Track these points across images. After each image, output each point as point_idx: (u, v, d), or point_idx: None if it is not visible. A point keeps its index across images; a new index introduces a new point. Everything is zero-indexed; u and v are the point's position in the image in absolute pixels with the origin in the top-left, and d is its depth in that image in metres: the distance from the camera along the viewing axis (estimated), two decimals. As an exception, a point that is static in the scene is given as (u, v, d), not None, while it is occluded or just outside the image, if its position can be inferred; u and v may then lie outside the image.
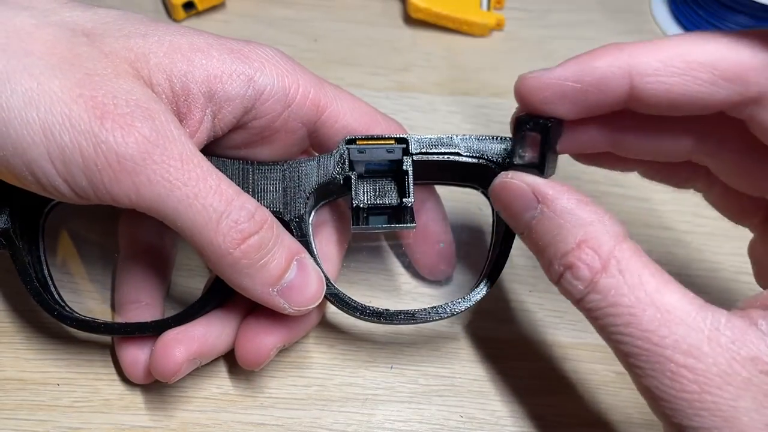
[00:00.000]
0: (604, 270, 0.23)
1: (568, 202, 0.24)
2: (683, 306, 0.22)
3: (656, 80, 0.24)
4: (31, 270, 0.29)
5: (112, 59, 0.26)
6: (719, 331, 0.22)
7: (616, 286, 0.23)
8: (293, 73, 0.30)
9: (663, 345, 0.22)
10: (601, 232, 0.24)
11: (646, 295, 0.22)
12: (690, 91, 0.24)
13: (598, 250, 0.23)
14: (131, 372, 0.30)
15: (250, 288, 0.27)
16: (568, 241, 0.24)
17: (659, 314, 0.22)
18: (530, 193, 0.25)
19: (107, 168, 0.24)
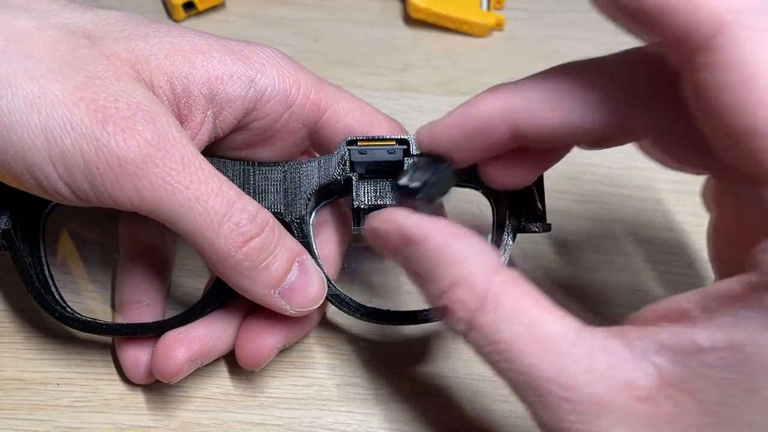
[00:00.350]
0: (481, 308, 0.22)
1: (437, 240, 0.23)
2: (562, 334, 0.21)
3: (531, 117, 0.24)
4: (32, 271, 0.29)
5: (113, 61, 0.26)
6: (595, 357, 0.21)
7: (494, 323, 0.22)
8: (294, 73, 0.30)
9: (544, 378, 0.21)
10: (473, 269, 0.23)
11: (524, 329, 0.22)
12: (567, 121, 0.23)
13: (472, 287, 0.22)
14: (132, 372, 0.30)
15: (251, 290, 0.27)
16: (442, 281, 0.23)
17: (538, 347, 0.21)
18: (397, 237, 0.24)
19: (109, 171, 0.24)
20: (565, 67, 0.24)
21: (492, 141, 0.25)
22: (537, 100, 0.24)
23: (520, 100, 0.24)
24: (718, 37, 0.18)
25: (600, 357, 0.21)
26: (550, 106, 0.23)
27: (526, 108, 0.24)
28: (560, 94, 0.23)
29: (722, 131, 0.19)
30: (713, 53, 0.18)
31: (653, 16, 0.19)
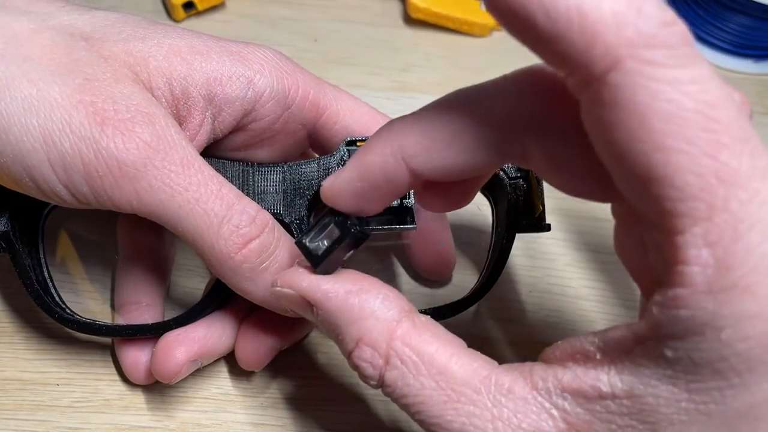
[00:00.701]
0: (387, 364, 0.22)
1: (336, 302, 0.23)
2: (468, 380, 0.21)
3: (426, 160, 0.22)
4: (32, 272, 0.29)
5: (111, 63, 0.26)
6: (501, 404, 0.21)
7: (401, 376, 0.22)
8: (293, 74, 0.30)
9: (452, 429, 0.21)
10: (373, 326, 0.22)
11: (431, 379, 0.21)
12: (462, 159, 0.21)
13: (376, 345, 0.22)
14: (132, 373, 0.30)
15: (251, 291, 0.27)
16: (347, 341, 0.23)
17: (445, 396, 0.21)
18: (301, 300, 0.24)
19: (108, 174, 0.24)
20: (456, 98, 0.22)
21: (396, 186, 0.23)
22: (428, 141, 0.21)
23: (411, 142, 0.22)
24: (612, 73, 0.17)
25: (506, 404, 0.21)
26: (442, 146, 0.21)
27: (418, 151, 0.22)
28: (451, 132, 0.21)
29: (621, 171, 0.18)
30: (608, 89, 0.17)
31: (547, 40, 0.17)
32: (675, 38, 0.17)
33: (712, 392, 0.18)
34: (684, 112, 0.16)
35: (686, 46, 0.17)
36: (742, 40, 0.46)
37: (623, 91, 0.17)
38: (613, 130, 0.17)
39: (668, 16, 0.17)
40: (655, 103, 0.16)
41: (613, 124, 0.17)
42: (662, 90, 0.16)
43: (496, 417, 0.21)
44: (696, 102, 0.17)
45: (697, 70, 0.17)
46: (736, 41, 0.46)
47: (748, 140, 0.17)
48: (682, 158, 0.17)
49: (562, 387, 0.20)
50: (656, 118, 0.16)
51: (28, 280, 0.29)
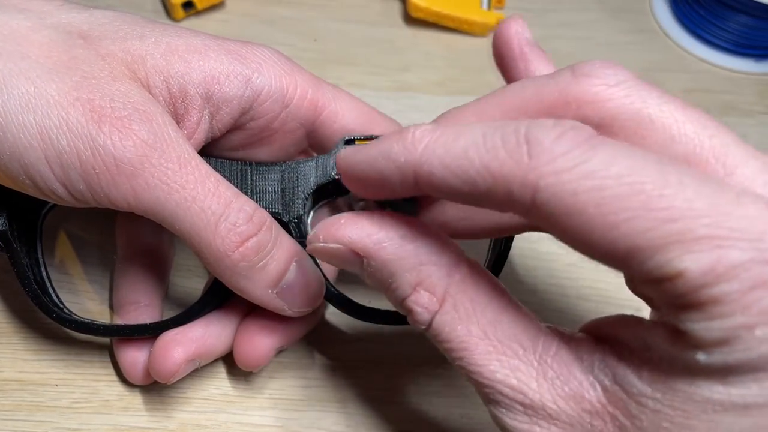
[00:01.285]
0: (441, 308, 0.22)
1: (391, 248, 0.22)
2: (516, 336, 0.22)
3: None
4: (30, 272, 0.29)
5: (108, 61, 0.26)
6: (547, 364, 0.21)
7: (450, 322, 0.22)
8: (291, 73, 0.29)
9: (493, 379, 0.21)
10: (432, 271, 0.22)
11: (479, 328, 0.22)
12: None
13: (433, 289, 0.22)
14: (130, 373, 0.30)
15: (249, 290, 0.27)
16: (403, 288, 0.23)
17: (491, 347, 0.22)
18: (350, 253, 0.23)
19: (105, 172, 0.24)
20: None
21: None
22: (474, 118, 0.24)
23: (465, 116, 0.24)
24: (536, 196, 0.19)
25: (551, 365, 0.21)
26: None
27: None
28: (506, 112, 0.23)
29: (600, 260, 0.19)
30: (542, 209, 0.19)
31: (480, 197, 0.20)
32: (568, 143, 0.19)
33: (749, 384, 0.18)
34: (607, 191, 0.18)
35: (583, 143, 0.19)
36: (743, 40, 0.46)
37: (550, 205, 0.19)
38: (568, 235, 0.19)
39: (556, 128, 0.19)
40: (580, 198, 0.18)
41: (564, 232, 0.19)
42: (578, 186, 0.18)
43: (540, 376, 0.21)
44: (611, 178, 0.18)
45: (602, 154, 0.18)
46: (737, 41, 0.46)
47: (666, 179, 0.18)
48: (632, 224, 0.18)
49: (605, 364, 0.21)
50: (590, 208, 0.18)
51: (26, 280, 0.29)
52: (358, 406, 0.32)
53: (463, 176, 0.20)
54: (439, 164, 0.20)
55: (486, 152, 0.19)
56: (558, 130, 0.19)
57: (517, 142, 0.19)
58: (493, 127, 0.20)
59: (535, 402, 0.21)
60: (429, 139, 0.21)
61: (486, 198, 0.20)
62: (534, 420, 0.21)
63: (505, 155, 0.19)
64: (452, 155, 0.20)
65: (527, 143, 0.19)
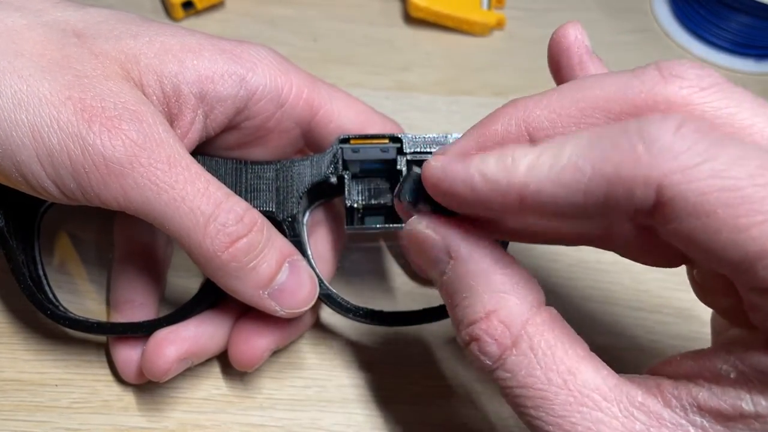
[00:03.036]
0: (515, 347, 0.21)
1: (481, 263, 0.22)
2: (598, 387, 0.20)
3: (553, 132, 0.22)
4: (25, 269, 0.29)
5: (101, 60, 0.26)
6: (633, 416, 0.20)
7: (527, 366, 0.21)
8: (286, 72, 0.29)
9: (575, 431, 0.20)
10: (513, 303, 0.21)
11: (559, 377, 0.21)
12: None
13: (509, 323, 0.21)
14: (124, 371, 0.30)
15: (240, 291, 0.27)
16: (476, 308, 0.21)
17: (572, 398, 0.20)
18: (442, 247, 0.22)
19: (95, 171, 0.24)
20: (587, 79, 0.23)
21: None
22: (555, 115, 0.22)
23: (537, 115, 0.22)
24: (661, 195, 0.18)
25: (638, 417, 0.20)
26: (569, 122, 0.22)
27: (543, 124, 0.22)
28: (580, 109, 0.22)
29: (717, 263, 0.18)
30: (667, 208, 0.18)
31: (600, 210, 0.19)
32: (688, 139, 0.18)
33: None
34: (738, 192, 0.17)
35: (704, 139, 0.18)
36: (743, 40, 0.46)
37: (677, 203, 0.18)
38: (691, 237, 0.18)
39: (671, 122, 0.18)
40: (709, 198, 0.17)
41: (689, 232, 0.18)
42: (707, 185, 0.17)
43: (626, 428, 0.20)
44: (742, 178, 0.17)
45: (726, 152, 0.18)
46: (737, 40, 0.46)
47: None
48: (763, 228, 0.17)
49: (698, 405, 0.20)
50: (719, 209, 0.17)
51: (21, 276, 0.29)
52: (358, 406, 0.32)
53: (575, 187, 0.19)
54: (547, 182, 0.19)
55: (599, 158, 0.18)
56: (674, 124, 0.18)
57: (630, 143, 0.18)
58: (597, 133, 0.19)
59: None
60: (531, 159, 0.20)
61: (601, 206, 0.19)
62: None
63: (621, 158, 0.18)
64: (560, 170, 0.19)
65: (643, 142, 0.18)
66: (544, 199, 0.19)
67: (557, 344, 0.21)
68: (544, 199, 0.19)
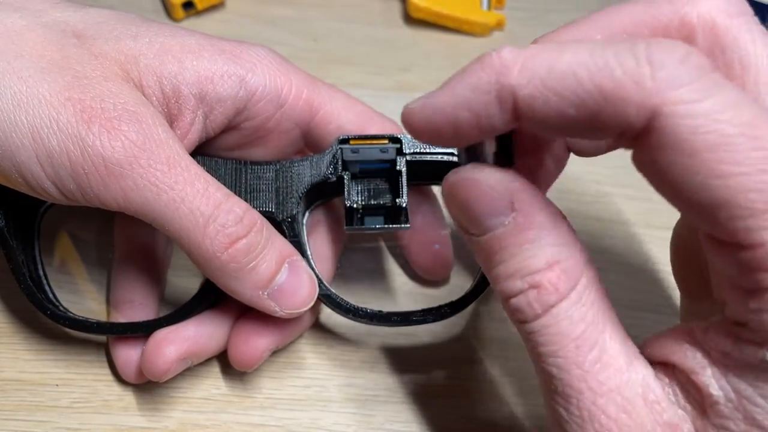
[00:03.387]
0: (569, 293, 0.21)
1: (547, 216, 0.22)
2: (624, 354, 0.21)
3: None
4: (25, 269, 0.29)
5: (101, 61, 0.26)
6: (649, 388, 0.21)
7: (572, 314, 0.21)
8: (286, 73, 0.30)
9: (599, 391, 0.21)
10: (574, 255, 0.21)
11: (596, 334, 0.21)
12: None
13: (569, 273, 0.21)
14: (124, 371, 0.30)
15: (239, 291, 0.27)
16: (539, 258, 0.21)
17: (603, 357, 0.21)
18: (504, 199, 0.22)
19: (94, 172, 0.24)
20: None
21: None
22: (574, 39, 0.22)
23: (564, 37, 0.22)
24: (652, 123, 0.18)
25: (654, 389, 0.21)
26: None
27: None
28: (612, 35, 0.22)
29: (686, 205, 0.19)
30: (653, 138, 0.18)
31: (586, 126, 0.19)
32: (693, 72, 0.18)
33: None
34: (728, 138, 0.17)
35: (706, 76, 0.18)
36: (743, 40, 0.46)
37: (666, 134, 0.18)
38: (668, 171, 0.18)
39: (678, 51, 0.18)
40: (699, 137, 0.17)
41: (667, 165, 0.18)
42: (700, 124, 0.17)
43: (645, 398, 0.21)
44: (735, 126, 0.17)
45: (724, 95, 0.18)
46: (737, 40, 0.46)
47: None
48: (740, 180, 0.17)
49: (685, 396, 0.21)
50: (704, 150, 0.17)
51: (21, 276, 0.29)
52: (358, 406, 0.32)
53: (569, 96, 0.18)
54: (541, 86, 0.18)
55: (599, 71, 0.18)
56: (681, 53, 0.18)
57: (637, 62, 0.18)
58: (602, 45, 0.18)
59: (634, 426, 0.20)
60: (524, 60, 0.19)
61: (589, 120, 0.18)
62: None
63: (623, 75, 0.18)
64: (556, 75, 0.18)
65: (649, 64, 0.18)
66: (537, 107, 0.19)
67: (599, 303, 0.22)
68: (538, 107, 0.19)
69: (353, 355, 0.33)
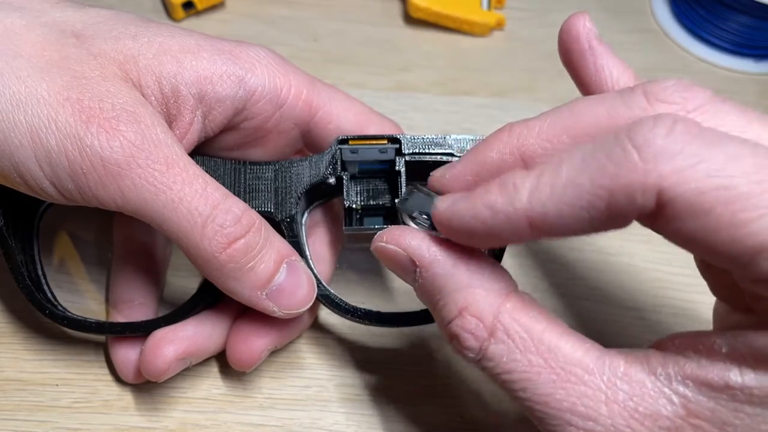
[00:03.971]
0: (492, 336, 0.22)
1: (444, 266, 0.23)
2: (580, 360, 0.21)
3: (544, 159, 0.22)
4: (24, 269, 0.29)
5: (100, 61, 0.26)
6: (617, 386, 0.21)
7: (507, 352, 0.22)
8: (285, 73, 0.29)
9: (561, 408, 0.21)
10: (481, 296, 0.22)
11: (539, 357, 0.22)
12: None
13: (481, 316, 0.22)
14: (123, 371, 0.30)
15: (238, 291, 0.27)
16: (449, 308, 0.23)
17: (554, 375, 0.21)
18: (406, 259, 0.24)
19: (92, 172, 0.25)
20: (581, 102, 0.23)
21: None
22: (549, 144, 0.22)
23: (532, 142, 0.23)
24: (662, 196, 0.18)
25: (621, 386, 0.21)
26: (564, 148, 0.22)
27: (538, 152, 0.23)
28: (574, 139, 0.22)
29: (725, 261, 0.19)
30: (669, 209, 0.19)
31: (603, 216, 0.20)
32: (680, 139, 0.18)
33: None
34: (735, 190, 0.18)
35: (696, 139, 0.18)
36: (743, 40, 0.46)
37: (678, 204, 0.18)
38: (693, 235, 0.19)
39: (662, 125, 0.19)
40: (707, 196, 0.18)
41: (691, 231, 0.19)
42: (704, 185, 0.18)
43: (610, 399, 0.21)
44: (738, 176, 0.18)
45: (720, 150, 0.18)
46: (737, 41, 0.46)
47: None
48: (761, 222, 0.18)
49: (684, 374, 0.20)
50: (718, 206, 0.18)
51: (19, 276, 0.29)
52: (358, 406, 0.32)
53: (578, 204, 0.19)
54: (550, 202, 0.20)
55: (595, 171, 0.19)
56: (665, 127, 0.19)
57: (623, 151, 0.19)
58: (590, 148, 0.20)
59: (606, 427, 0.21)
60: (531, 183, 0.20)
61: (606, 216, 0.19)
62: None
63: (616, 167, 0.19)
64: (561, 189, 0.20)
65: (636, 149, 0.19)
66: (551, 220, 0.20)
67: (533, 326, 0.22)
68: (552, 220, 0.20)
69: (353, 355, 0.33)
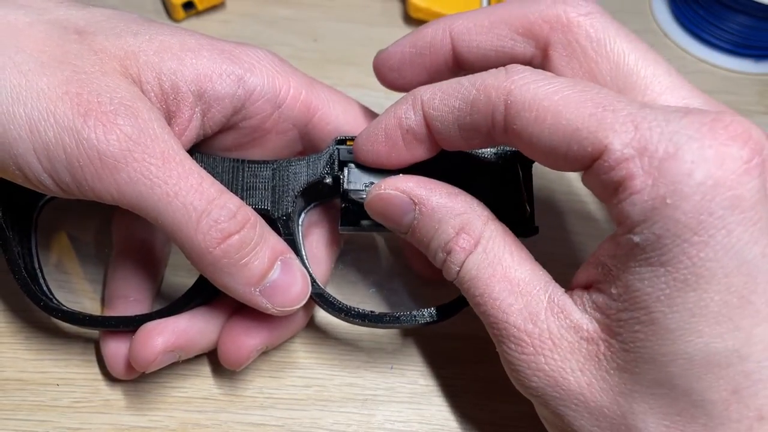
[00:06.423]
0: (474, 248, 0.26)
1: (440, 198, 0.27)
2: (531, 280, 0.26)
3: (468, 38, 0.29)
4: (21, 261, 0.30)
5: (101, 57, 0.27)
6: (554, 302, 0.25)
7: (479, 261, 0.26)
8: (284, 74, 0.30)
9: (508, 312, 0.25)
10: (473, 218, 0.27)
11: (502, 269, 0.26)
12: (495, 45, 0.28)
13: (472, 233, 0.26)
14: (113, 366, 0.30)
15: (231, 287, 0.27)
16: (448, 231, 0.27)
17: (509, 286, 0.26)
18: (406, 199, 0.27)
19: (89, 165, 0.25)
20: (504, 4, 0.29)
21: (437, 59, 0.30)
22: (472, 24, 0.29)
23: (459, 24, 0.29)
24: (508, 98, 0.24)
25: (558, 302, 0.25)
26: (482, 30, 0.28)
27: (462, 30, 0.29)
28: (491, 22, 0.28)
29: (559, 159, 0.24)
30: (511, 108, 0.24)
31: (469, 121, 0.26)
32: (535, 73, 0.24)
33: (680, 258, 0.21)
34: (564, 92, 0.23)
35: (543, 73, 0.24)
36: (743, 40, 0.46)
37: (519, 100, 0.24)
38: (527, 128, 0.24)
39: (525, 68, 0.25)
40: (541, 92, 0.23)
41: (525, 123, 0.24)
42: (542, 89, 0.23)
43: (548, 310, 0.25)
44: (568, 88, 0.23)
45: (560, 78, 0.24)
46: (737, 41, 0.46)
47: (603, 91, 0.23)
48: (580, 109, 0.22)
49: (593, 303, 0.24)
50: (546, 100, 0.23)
51: (16, 267, 0.29)
52: (358, 406, 0.32)
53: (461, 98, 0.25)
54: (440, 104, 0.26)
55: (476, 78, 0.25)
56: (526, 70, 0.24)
57: (497, 71, 0.25)
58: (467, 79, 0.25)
59: (542, 331, 0.25)
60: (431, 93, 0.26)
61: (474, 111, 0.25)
62: (539, 350, 0.25)
63: (490, 77, 0.25)
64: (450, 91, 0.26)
65: (506, 70, 0.25)
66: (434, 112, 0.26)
67: (503, 247, 0.26)
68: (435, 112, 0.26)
69: (353, 355, 0.33)
